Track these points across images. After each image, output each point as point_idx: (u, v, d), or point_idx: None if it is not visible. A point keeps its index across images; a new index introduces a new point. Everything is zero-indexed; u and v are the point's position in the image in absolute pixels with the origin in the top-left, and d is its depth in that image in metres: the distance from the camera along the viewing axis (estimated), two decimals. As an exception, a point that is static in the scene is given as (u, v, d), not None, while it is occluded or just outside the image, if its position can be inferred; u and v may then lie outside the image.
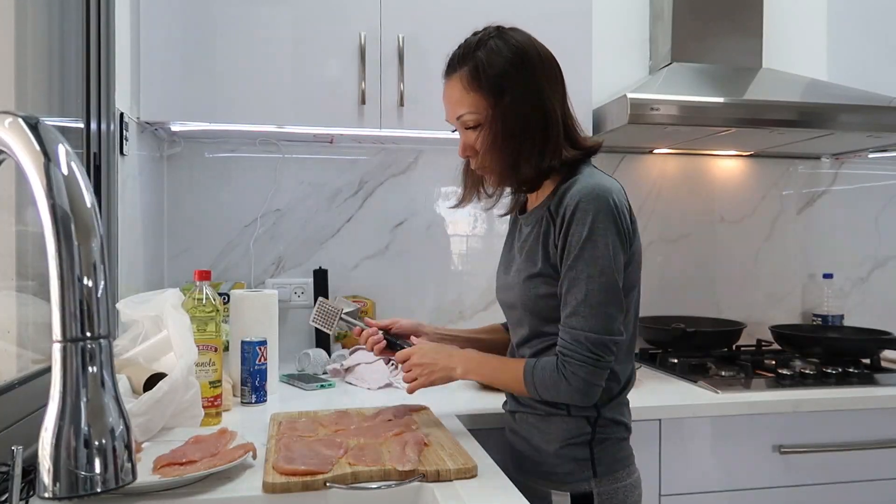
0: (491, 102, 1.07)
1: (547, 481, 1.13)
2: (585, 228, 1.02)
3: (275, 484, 0.91)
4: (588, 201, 1.03)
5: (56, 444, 0.47)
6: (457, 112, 1.10)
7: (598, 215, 1.02)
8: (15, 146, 0.50)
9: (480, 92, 1.07)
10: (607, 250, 1.02)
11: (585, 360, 1.02)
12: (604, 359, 1.03)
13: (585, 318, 1.02)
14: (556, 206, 1.08)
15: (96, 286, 0.49)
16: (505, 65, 1.06)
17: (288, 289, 1.95)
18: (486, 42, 1.08)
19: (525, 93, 1.06)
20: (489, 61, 1.06)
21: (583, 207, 1.03)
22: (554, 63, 1.11)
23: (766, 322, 2.16)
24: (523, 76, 1.07)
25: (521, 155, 1.07)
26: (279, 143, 1.97)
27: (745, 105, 1.77)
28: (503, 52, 1.07)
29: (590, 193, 1.03)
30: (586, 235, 1.02)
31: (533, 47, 1.09)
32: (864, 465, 1.59)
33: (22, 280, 1.15)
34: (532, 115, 1.07)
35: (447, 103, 1.13)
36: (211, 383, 1.27)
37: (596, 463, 1.10)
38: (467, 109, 1.08)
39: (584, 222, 1.02)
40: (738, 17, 2.05)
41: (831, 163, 2.32)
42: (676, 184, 2.22)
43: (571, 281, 1.03)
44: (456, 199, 1.25)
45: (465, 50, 1.10)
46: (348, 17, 1.68)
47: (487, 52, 1.07)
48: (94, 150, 1.38)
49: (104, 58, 1.40)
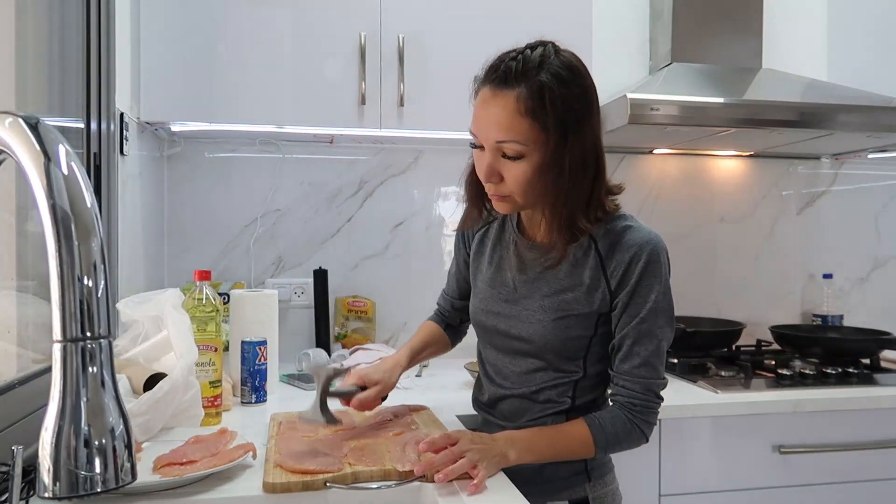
0: (550, 139, 0.93)
1: (541, 494, 1.09)
2: (657, 282, 1.01)
3: (275, 484, 0.91)
4: (655, 254, 1.01)
5: (56, 444, 0.47)
6: (499, 136, 0.95)
7: (663, 269, 1.02)
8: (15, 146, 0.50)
9: (540, 124, 0.93)
10: (672, 302, 1.03)
11: (654, 405, 1.04)
12: (662, 401, 1.06)
13: (656, 368, 1.03)
14: (607, 250, 1.02)
15: (96, 286, 0.49)
16: (574, 100, 0.94)
17: (288, 289, 1.95)
18: (549, 62, 0.94)
19: (588, 137, 0.96)
20: (558, 91, 0.92)
21: (651, 260, 1.00)
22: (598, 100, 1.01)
23: (766, 322, 2.16)
24: (589, 116, 0.96)
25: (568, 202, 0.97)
26: (279, 143, 1.97)
27: (745, 105, 1.77)
28: (571, 84, 0.94)
29: (655, 246, 1.01)
30: (659, 290, 1.01)
31: (589, 77, 0.98)
32: (864, 465, 1.59)
33: (22, 280, 1.15)
34: (591, 159, 0.97)
35: (487, 119, 0.96)
36: (211, 383, 1.27)
37: (589, 468, 1.10)
38: (514, 137, 0.94)
39: (655, 275, 1.00)
40: (738, 17, 2.05)
41: (831, 163, 2.32)
42: (676, 184, 2.22)
43: (642, 333, 1.01)
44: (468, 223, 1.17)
45: (524, 64, 0.93)
46: (348, 17, 1.68)
47: (554, 79, 0.92)
48: (95, 150, 1.38)
49: (104, 58, 1.40)
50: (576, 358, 1.07)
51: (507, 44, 1.73)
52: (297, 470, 0.94)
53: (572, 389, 1.09)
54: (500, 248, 1.16)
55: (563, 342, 1.06)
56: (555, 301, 1.06)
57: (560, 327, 1.05)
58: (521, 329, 1.09)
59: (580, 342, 1.06)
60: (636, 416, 1.03)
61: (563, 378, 1.08)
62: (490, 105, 0.95)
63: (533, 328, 1.07)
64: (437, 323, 1.37)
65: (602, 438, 1.03)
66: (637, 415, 1.03)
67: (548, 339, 1.06)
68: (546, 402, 1.10)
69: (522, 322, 1.09)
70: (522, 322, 1.09)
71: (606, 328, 1.06)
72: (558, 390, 1.09)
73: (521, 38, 1.74)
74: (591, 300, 1.04)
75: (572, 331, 1.05)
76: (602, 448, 1.03)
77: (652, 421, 1.05)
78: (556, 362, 1.08)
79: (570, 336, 1.05)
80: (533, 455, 1.02)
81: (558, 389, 1.09)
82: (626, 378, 1.03)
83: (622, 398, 1.04)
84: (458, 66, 1.77)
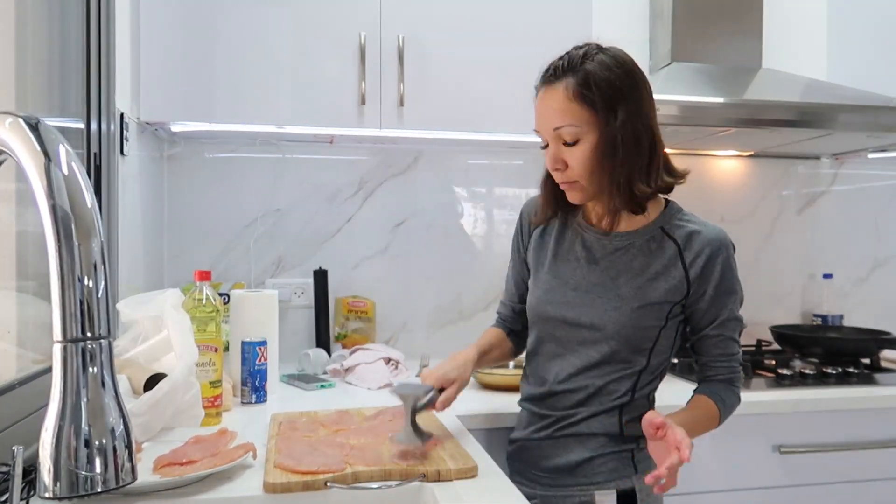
0: (601, 118, 1.02)
1: (588, 485, 1.12)
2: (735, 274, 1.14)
3: (275, 484, 0.91)
4: (731, 248, 1.13)
5: (56, 444, 0.47)
6: (555, 122, 1.04)
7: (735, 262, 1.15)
8: (15, 146, 0.50)
9: (589, 105, 1.02)
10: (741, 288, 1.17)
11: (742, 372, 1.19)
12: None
13: (738, 341, 1.17)
14: (685, 242, 1.11)
15: (96, 286, 0.49)
16: (617, 80, 1.02)
17: (288, 289, 1.95)
18: (592, 56, 1.04)
19: (637, 113, 1.03)
20: (603, 75, 1.02)
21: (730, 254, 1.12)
22: (651, 91, 1.09)
23: (766, 322, 2.16)
24: (635, 96, 1.04)
25: (631, 175, 1.04)
26: (279, 144, 1.97)
27: (745, 105, 1.77)
28: (613, 68, 1.03)
29: (728, 240, 1.13)
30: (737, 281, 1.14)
31: (636, 67, 1.06)
32: (864, 465, 1.59)
33: (22, 280, 1.15)
34: (643, 135, 1.04)
35: (543, 112, 1.07)
36: (211, 383, 1.27)
37: (636, 460, 1.13)
38: (570, 122, 1.03)
39: (733, 268, 1.13)
40: (738, 17, 2.05)
41: (831, 163, 2.32)
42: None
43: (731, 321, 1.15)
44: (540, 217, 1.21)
45: (569, 61, 1.04)
46: (348, 17, 1.68)
47: (597, 65, 1.02)
48: (95, 150, 1.38)
49: (104, 58, 1.40)
50: (643, 348, 1.12)
51: (507, 44, 1.74)
52: (297, 470, 0.94)
53: (635, 382, 1.13)
54: (565, 240, 1.20)
55: (635, 330, 1.10)
56: (632, 289, 1.11)
57: (636, 315, 1.10)
58: (593, 317, 1.12)
59: (651, 332, 1.11)
60: (735, 385, 1.16)
61: (627, 369, 1.12)
62: (544, 99, 1.06)
63: (608, 316, 1.11)
64: (502, 328, 1.36)
65: (724, 410, 1.13)
66: (736, 384, 1.16)
67: (622, 327, 1.10)
68: (607, 394, 1.12)
69: (596, 310, 1.12)
70: (596, 310, 1.12)
71: (674, 320, 1.12)
72: (621, 383, 1.12)
73: (521, 39, 1.75)
74: (667, 289, 1.10)
75: (646, 319, 1.10)
76: (724, 420, 1.15)
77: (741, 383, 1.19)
78: (623, 352, 1.12)
79: (643, 325, 1.10)
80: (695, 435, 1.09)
81: (622, 382, 1.12)
82: (722, 360, 1.15)
83: (723, 375, 1.15)
84: (458, 66, 1.79)
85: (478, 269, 2.09)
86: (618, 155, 1.03)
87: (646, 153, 1.05)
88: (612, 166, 1.04)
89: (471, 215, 2.10)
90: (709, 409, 1.13)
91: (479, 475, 0.97)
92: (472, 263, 2.09)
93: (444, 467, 0.96)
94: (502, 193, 2.11)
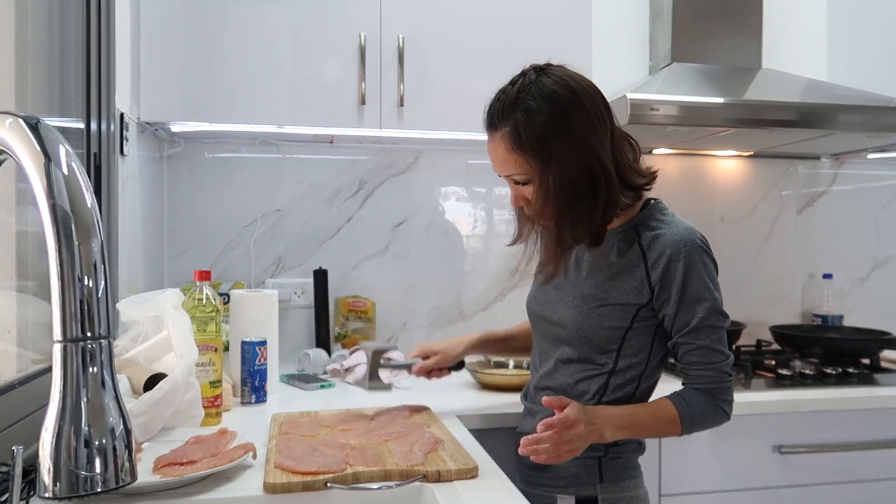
0: (537, 166, 1.03)
1: (552, 486, 1.13)
2: (700, 279, 1.05)
3: (275, 484, 0.91)
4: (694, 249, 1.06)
5: (56, 444, 0.47)
6: (502, 171, 1.09)
7: (704, 261, 1.07)
8: (15, 146, 0.50)
9: (525, 155, 1.04)
10: (717, 287, 1.08)
11: (730, 383, 1.09)
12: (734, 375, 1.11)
13: (721, 351, 1.08)
14: (649, 244, 1.08)
15: (96, 286, 0.49)
16: (546, 126, 1.01)
17: (288, 289, 1.95)
18: (524, 97, 1.03)
19: (572, 153, 1.02)
20: (529, 123, 1.02)
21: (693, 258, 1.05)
22: (597, 99, 1.06)
23: (766, 322, 2.16)
24: (567, 135, 1.02)
25: (576, 216, 1.04)
26: (279, 143, 1.97)
27: (745, 105, 1.77)
28: (544, 111, 1.02)
29: (691, 242, 1.06)
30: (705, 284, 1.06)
31: (573, 94, 1.03)
32: (864, 465, 1.59)
33: (22, 280, 1.15)
34: (581, 177, 1.03)
35: (492, 160, 1.10)
36: (211, 383, 1.27)
37: (603, 470, 1.12)
38: (515, 171, 1.06)
39: (698, 272, 1.05)
40: (738, 17, 2.05)
41: (831, 163, 2.32)
42: (676, 184, 2.22)
43: (702, 328, 1.06)
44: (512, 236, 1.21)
45: (503, 105, 1.05)
46: (348, 18, 1.68)
47: (526, 113, 1.02)
48: (95, 150, 1.38)
49: (104, 58, 1.40)
50: (608, 349, 1.10)
51: (507, 44, 1.74)
52: (297, 470, 0.94)
53: (603, 384, 1.12)
54: None
55: (596, 330, 1.09)
56: (594, 288, 1.10)
57: (596, 315, 1.09)
58: (560, 314, 1.14)
59: (614, 333, 1.09)
60: (718, 398, 1.08)
61: (595, 370, 1.11)
62: (490, 147, 1.09)
63: (570, 313, 1.12)
64: None
65: (688, 417, 1.07)
66: (719, 396, 1.08)
67: (581, 325, 1.10)
68: (578, 395, 1.12)
69: (562, 306, 1.14)
70: (562, 306, 1.14)
71: (644, 323, 1.09)
72: (590, 384, 1.12)
73: (521, 39, 1.75)
74: (628, 290, 1.08)
75: (607, 320, 1.09)
76: (688, 427, 1.07)
77: (731, 399, 1.09)
78: (587, 351, 1.11)
79: (604, 325, 1.09)
80: (626, 432, 1.07)
81: (590, 383, 1.12)
82: (698, 368, 1.08)
83: (701, 385, 1.08)
84: (457, 66, 1.79)
85: (478, 269, 2.09)
86: (553, 197, 1.04)
87: (587, 188, 1.03)
88: (557, 206, 1.04)
89: (471, 215, 2.10)
90: (661, 411, 1.07)
91: (479, 475, 0.98)
92: (472, 263, 2.09)
93: (444, 467, 0.96)
94: (502, 193, 2.10)
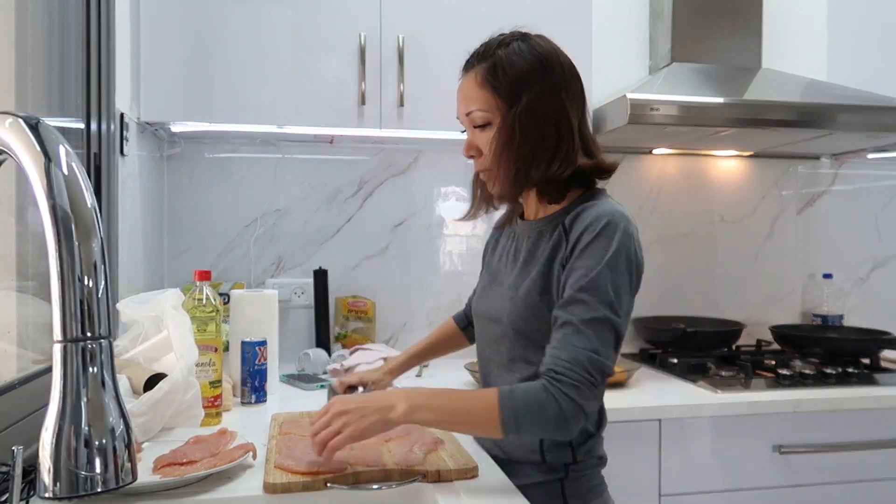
0: (505, 103, 1.02)
1: None
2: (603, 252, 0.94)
3: (275, 484, 0.91)
4: (609, 225, 0.96)
5: (56, 444, 0.47)
6: (467, 108, 1.06)
7: (616, 241, 0.95)
8: (15, 146, 0.50)
9: (495, 91, 1.02)
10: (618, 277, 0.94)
11: (582, 380, 0.89)
12: (599, 384, 0.91)
13: (591, 339, 0.91)
14: (570, 223, 1.01)
15: (96, 286, 0.49)
16: (525, 67, 1.02)
17: (288, 289, 1.95)
18: (508, 43, 1.04)
19: (543, 98, 1.01)
20: (509, 61, 1.02)
21: (603, 232, 0.95)
22: (576, 77, 1.06)
23: (766, 322, 2.16)
24: (543, 81, 1.02)
25: (533, 160, 1.01)
26: (279, 143, 1.97)
27: (745, 105, 1.77)
28: (525, 55, 1.02)
29: (612, 218, 0.96)
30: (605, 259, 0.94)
31: (557, 56, 1.05)
32: (864, 465, 1.59)
33: (22, 280, 1.15)
34: (547, 120, 1.01)
35: (459, 99, 1.08)
36: (211, 383, 1.27)
37: (567, 493, 1.04)
38: (478, 106, 1.04)
39: (603, 246, 0.95)
40: (738, 17, 2.05)
41: (831, 163, 2.32)
42: (676, 184, 2.22)
43: (580, 300, 0.93)
44: (465, 212, 1.18)
45: (486, 48, 1.06)
46: (348, 18, 1.68)
47: (508, 53, 1.03)
48: (95, 150, 1.38)
49: (104, 58, 1.40)
50: (542, 345, 0.97)
51: (507, 44, 1.74)
52: (297, 470, 0.94)
53: None
54: (505, 240, 1.19)
55: (527, 322, 1.02)
56: (523, 277, 1.05)
57: (526, 305, 1.02)
58: (497, 308, 1.08)
59: (544, 324, 0.99)
60: (553, 384, 0.89)
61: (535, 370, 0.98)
62: (461, 86, 1.08)
63: (503, 305, 1.06)
64: (457, 320, 1.43)
65: (509, 406, 0.89)
66: (555, 384, 0.89)
67: (514, 318, 1.03)
68: None
69: (498, 300, 1.08)
70: (498, 300, 1.08)
71: None
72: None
73: (521, 38, 1.75)
74: (550, 273, 1.00)
75: (539, 310, 1.00)
76: (510, 419, 0.89)
77: (575, 397, 0.88)
78: (521, 348, 1.04)
79: (536, 315, 1.01)
80: (428, 413, 0.92)
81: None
82: (554, 345, 0.93)
83: (546, 367, 0.92)
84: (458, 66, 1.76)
85: (477, 270, 2.06)
86: (517, 139, 1.01)
87: (552, 138, 1.01)
88: (514, 151, 1.01)
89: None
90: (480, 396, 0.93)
91: (479, 475, 0.97)
92: (471, 263, 2.09)
93: (444, 467, 0.96)
94: (502, 193, 2.10)
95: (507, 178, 1.04)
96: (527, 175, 1.03)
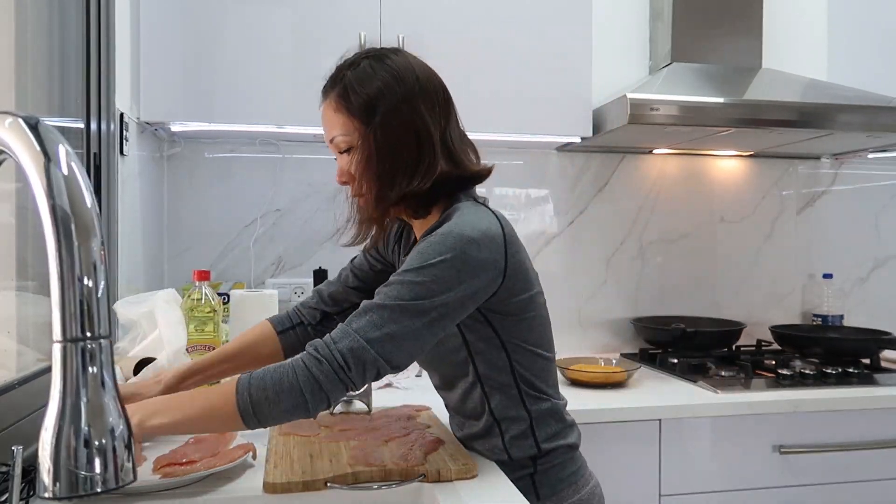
0: (362, 123, 0.99)
1: None
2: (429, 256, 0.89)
3: (275, 484, 0.91)
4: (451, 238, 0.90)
5: (56, 444, 0.47)
6: (330, 134, 1.03)
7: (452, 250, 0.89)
8: (15, 146, 0.50)
9: (350, 113, 1.00)
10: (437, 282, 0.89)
11: (331, 359, 0.84)
12: (351, 373, 0.84)
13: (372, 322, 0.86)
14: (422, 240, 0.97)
15: (96, 286, 0.49)
16: (376, 84, 0.99)
17: (288, 289, 1.95)
18: (358, 63, 1.02)
19: (396, 113, 0.98)
20: (358, 81, 1.00)
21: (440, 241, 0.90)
22: (437, 85, 1.04)
23: (766, 322, 2.16)
24: (395, 96, 0.99)
25: (395, 177, 0.98)
26: (279, 143, 1.97)
27: (745, 105, 1.77)
28: (375, 72, 1.00)
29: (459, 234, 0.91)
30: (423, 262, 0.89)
31: (411, 69, 1.01)
32: (864, 465, 1.59)
33: (22, 280, 1.15)
34: (406, 134, 0.98)
35: (323, 126, 1.05)
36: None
37: (538, 486, 1.03)
38: (338, 131, 1.01)
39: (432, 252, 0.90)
40: (738, 17, 2.05)
41: (831, 163, 2.32)
42: (676, 184, 2.22)
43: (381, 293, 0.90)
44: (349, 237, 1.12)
45: (336, 71, 1.04)
46: (348, 17, 1.68)
47: (357, 73, 1.01)
48: (94, 150, 1.38)
49: (104, 58, 1.40)
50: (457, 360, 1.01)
51: (507, 44, 1.74)
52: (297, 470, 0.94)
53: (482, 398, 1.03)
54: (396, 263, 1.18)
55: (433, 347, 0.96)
56: None
57: None
58: None
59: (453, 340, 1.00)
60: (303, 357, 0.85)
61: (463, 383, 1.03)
62: (322, 115, 1.05)
63: None
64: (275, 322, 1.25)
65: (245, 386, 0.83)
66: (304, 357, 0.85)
67: None
68: (476, 414, 1.05)
69: None
70: None
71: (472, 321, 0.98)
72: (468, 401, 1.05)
73: (521, 39, 1.75)
74: None
75: None
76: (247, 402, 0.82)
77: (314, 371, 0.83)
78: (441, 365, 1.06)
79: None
80: (163, 417, 0.84)
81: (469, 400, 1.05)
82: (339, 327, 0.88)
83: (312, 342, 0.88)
84: (457, 66, 1.78)
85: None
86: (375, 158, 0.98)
87: (412, 152, 0.98)
88: (374, 170, 0.99)
89: (471, 215, 2.10)
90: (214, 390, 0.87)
91: (479, 475, 0.97)
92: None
93: (445, 467, 0.96)
94: (502, 193, 2.10)
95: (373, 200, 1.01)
96: (387, 194, 0.99)
